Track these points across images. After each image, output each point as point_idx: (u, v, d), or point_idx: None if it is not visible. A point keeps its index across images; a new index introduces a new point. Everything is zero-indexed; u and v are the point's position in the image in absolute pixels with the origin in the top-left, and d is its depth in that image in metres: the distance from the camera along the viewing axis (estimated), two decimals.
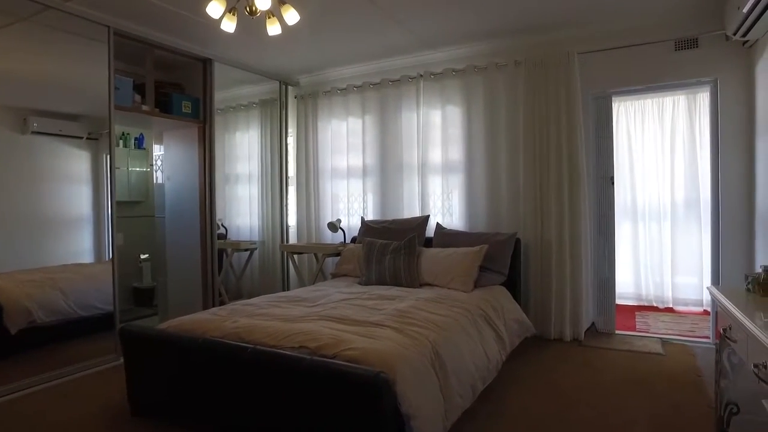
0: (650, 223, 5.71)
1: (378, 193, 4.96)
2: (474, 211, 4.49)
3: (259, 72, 5.14)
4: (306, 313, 2.89)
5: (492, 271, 3.91)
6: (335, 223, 4.85)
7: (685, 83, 4.04)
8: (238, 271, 5.61)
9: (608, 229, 4.31)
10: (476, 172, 4.48)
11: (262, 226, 5.61)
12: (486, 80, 4.44)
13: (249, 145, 5.71)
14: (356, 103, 5.07)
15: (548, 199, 4.17)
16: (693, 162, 5.46)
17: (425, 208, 4.70)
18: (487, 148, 4.43)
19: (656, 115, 5.68)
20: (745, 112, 3.81)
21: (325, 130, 5.28)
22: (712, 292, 2.22)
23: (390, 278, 3.92)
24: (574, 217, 4.12)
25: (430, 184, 4.70)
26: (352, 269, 4.33)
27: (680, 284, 5.54)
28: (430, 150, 4.69)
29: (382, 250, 4.08)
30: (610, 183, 4.26)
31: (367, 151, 5.01)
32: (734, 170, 3.86)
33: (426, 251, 4.06)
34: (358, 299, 3.27)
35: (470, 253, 3.82)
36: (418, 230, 4.34)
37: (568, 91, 4.13)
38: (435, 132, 4.67)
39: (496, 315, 3.39)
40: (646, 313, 5.40)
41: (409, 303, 3.11)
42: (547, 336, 4.17)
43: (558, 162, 4.14)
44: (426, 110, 4.70)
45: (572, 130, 4.11)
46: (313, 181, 5.33)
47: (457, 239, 4.18)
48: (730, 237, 3.88)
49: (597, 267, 4.33)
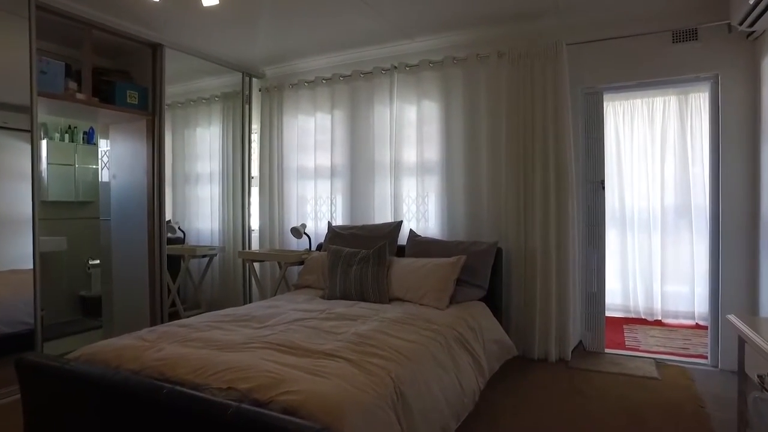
0: (639, 230, 5.45)
1: (347, 196, 4.52)
2: (451, 216, 4.08)
3: (219, 61, 4.67)
4: (249, 337, 2.44)
5: (470, 284, 3.50)
6: (299, 229, 4.41)
7: (683, 79, 3.68)
8: (198, 279, 5.13)
9: (598, 238, 3.94)
10: (454, 174, 4.07)
11: (223, 230, 5.15)
12: (466, 73, 4.03)
13: (210, 141, 5.24)
14: (325, 97, 4.64)
15: (533, 205, 3.78)
16: (684, 166, 5.20)
17: (398, 213, 4.28)
18: (466, 147, 4.03)
19: (646, 116, 5.43)
20: (748, 112, 3.47)
21: (291, 126, 4.83)
22: (738, 327, 1.83)
23: (356, 292, 3.49)
24: (561, 225, 3.74)
25: (403, 187, 4.28)
26: (316, 280, 3.89)
27: (670, 296, 5.28)
28: (404, 149, 4.27)
29: (348, 260, 3.65)
30: (601, 187, 3.88)
31: (335, 150, 4.57)
32: (736, 175, 3.51)
33: (397, 262, 3.64)
34: (314, 319, 2.83)
35: (446, 264, 3.41)
36: (389, 237, 3.92)
37: (555, 85, 3.74)
38: (410, 129, 4.25)
39: (474, 336, 2.98)
40: (635, 327, 5.11)
41: (372, 325, 2.68)
42: (531, 356, 3.77)
43: (544, 164, 3.76)
44: (400, 105, 4.28)
45: (560, 129, 3.73)
46: (277, 181, 4.88)
47: (432, 248, 3.77)
48: (732, 248, 3.53)
49: (585, 279, 3.95)
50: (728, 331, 3.53)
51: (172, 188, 5.28)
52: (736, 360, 3.61)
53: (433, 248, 3.76)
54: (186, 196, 5.32)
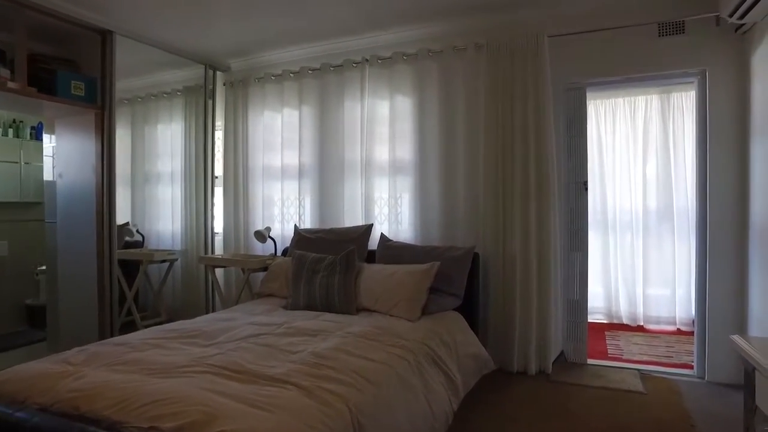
0: (621, 233, 5.29)
1: (316, 197, 4.23)
2: (425, 220, 3.82)
3: (179, 52, 4.34)
4: (192, 359, 2.14)
5: (444, 293, 3.24)
6: (263, 232, 4.10)
7: (670, 75, 3.48)
8: (157, 286, 4.78)
9: (580, 242, 3.72)
10: (429, 174, 3.81)
11: (185, 233, 4.81)
12: (441, 66, 3.78)
13: (172, 139, 4.89)
14: (293, 92, 4.34)
15: (512, 207, 3.54)
16: (666, 167, 5.06)
17: (369, 216, 4.00)
18: (441, 145, 3.77)
19: (628, 116, 5.26)
20: (737, 110, 3.28)
21: (257, 122, 4.52)
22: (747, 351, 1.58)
23: (321, 302, 3.20)
24: (542, 229, 3.50)
25: (375, 188, 4.01)
26: (279, 288, 3.59)
27: (653, 300, 5.11)
28: (375, 147, 3.99)
29: (314, 267, 3.36)
30: (584, 189, 3.66)
31: (304, 148, 4.28)
32: (724, 176, 3.32)
33: (367, 268, 3.36)
34: (270, 335, 2.53)
35: (418, 272, 3.15)
36: (358, 242, 3.64)
37: (536, 80, 3.51)
38: (382, 126, 3.98)
39: (447, 352, 2.72)
40: (617, 333, 4.94)
41: (334, 342, 2.40)
42: (509, 369, 3.53)
43: (524, 163, 3.52)
44: (372, 100, 4.00)
45: (541, 127, 3.50)
46: (242, 181, 4.57)
47: (404, 254, 3.50)
48: (719, 253, 3.34)
49: (567, 286, 3.73)
50: (716, 341, 3.35)
51: (132, 188, 4.93)
52: (724, 372, 3.47)
53: (405, 254, 3.49)
54: (146, 197, 4.96)
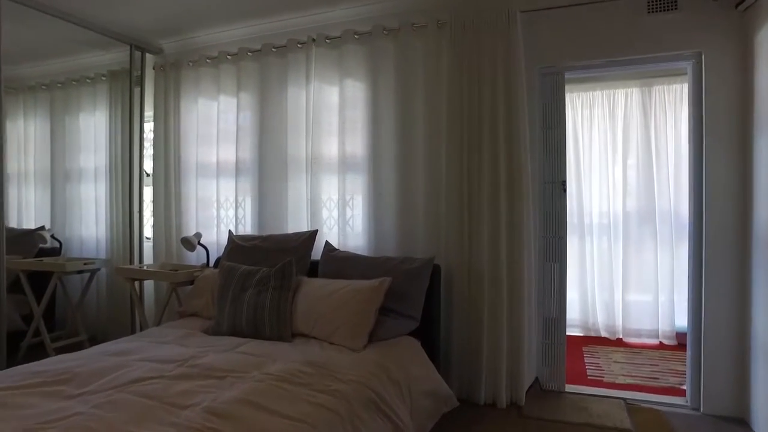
0: (599, 238, 4.86)
1: (256, 198, 3.66)
2: (379, 225, 3.28)
3: (92, 26, 3.70)
4: (38, 422, 1.57)
5: (398, 314, 2.71)
6: (191, 239, 3.51)
7: (660, 58, 3.00)
8: (76, 301, 4.14)
9: (558, 251, 3.23)
10: (384, 173, 3.27)
11: (110, 238, 4.19)
12: (399, 47, 3.25)
13: (95, 130, 4.27)
14: (230, 77, 3.75)
15: (480, 211, 3.02)
16: (648, 167, 4.64)
17: (315, 220, 3.45)
18: (399, 139, 3.24)
19: (607, 110, 4.85)
20: (738, 98, 2.83)
21: (191, 112, 3.92)
22: None
23: (248, 326, 2.64)
24: (514, 236, 3.00)
25: (323, 188, 3.45)
26: (204, 307, 3.01)
27: (633, 312, 4.70)
28: (323, 140, 3.43)
29: (243, 282, 2.80)
30: (562, 190, 3.17)
31: (242, 142, 3.69)
32: (723, 176, 2.86)
33: (307, 284, 2.81)
34: (164, 378, 1.96)
35: (365, 289, 2.61)
36: (299, 252, 3.09)
37: (507, 63, 3.01)
38: (330, 115, 3.42)
39: (397, 392, 2.18)
40: (595, 348, 4.50)
41: (243, 389, 1.84)
42: (476, 400, 3.02)
43: (494, 160, 3.01)
44: (319, 86, 3.45)
45: (513, 118, 2.99)
46: (174, 180, 3.96)
47: (351, 266, 2.95)
48: (717, 264, 2.88)
49: (543, 303, 3.24)
50: (712, 367, 2.89)
51: (51, 187, 4.31)
52: (723, 403, 2.89)
53: (352, 266, 2.94)
54: (68, 197, 4.33)
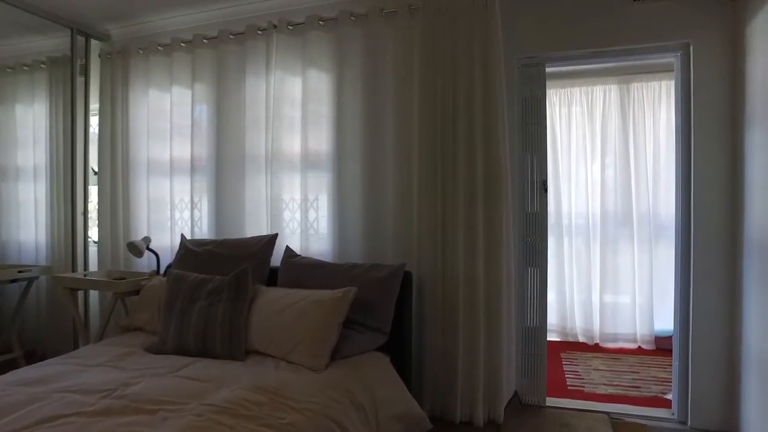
0: (577, 239, 4.70)
1: (213, 199, 3.35)
2: (346, 229, 3.00)
3: (30, 8, 3.34)
4: None
5: (364, 327, 2.44)
6: (138, 244, 3.17)
7: (646, 49, 2.80)
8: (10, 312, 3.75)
9: (538, 256, 3.01)
10: (350, 171, 3.00)
11: (52, 243, 3.81)
12: (367, 34, 2.98)
13: (34, 123, 3.89)
14: (184, 66, 3.43)
15: (455, 213, 2.78)
16: (626, 166, 4.50)
17: (276, 223, 3.15)
18: (367, 134, 2.97)
19: (585, 108, 4.69)
20: (727, 92, 2.65)
21: (141, 104, 3.58)
22: None
23: (195, 343, 2.34)
24: (492, 240, 2.76)
25: (284, 187, 3.16)
26: (149, 321, 2.69)
27: (611, 316, 4.55)
28: (284, 135, 3.14)
29: (193, 293, 2.49)
30: (543, 190, 2.95)
31: (197, 137, 3.38)
32: (713, 176, 2.67)
33: (265, 294, 2.52)
34: (82, 416, 1.64)
35: (328, 300, 2.33)
36: (257, 258, 2.80)
37: (485, 53, 2.77)
38: (292, 109, 3.13)
39: (362, 419, 1.92)
40: (574, 354, 4.34)
41: (178, 427, 1.55)
42: (451, 418, 2.76)
43: (470, 158, 2.77)
44: (280, 76, 3.15)
45: (491, 112, 2.76)
46: (122, 178, 3.61)
47: (314, 274, 2.67)
48: (705, 271, 2.69)
49: (522, 311, 3.01)
50: (700, 378, 2.71)
51: None
52: (711, 416, 2.61)
53: (315, 274, 2.66)
54: (3, 198, 3.93)
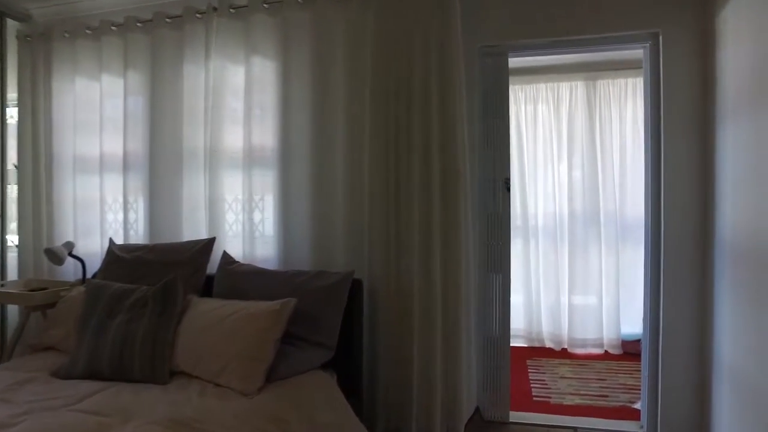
0: (544, 241, 4.55)
1: (147, 199, 3.03)
2: (292, 233, 2.72)
3: None
4: None
5: (307, 342, 2.17)
6: (58, 250, 2.82)
7: (613, 38, 2.63)
8: None
9: (501, 259, 2.80)
10: (297, 169, 2.73)
11: None
12: (316, 19, 2.71)
13: None
14: (115, 52, 3.09)
15: (410, 214, 2.54)
16: (593, 164, 4.37)
17: (217, 225, 2.85)
18: (315, 128, 2.71)
19: (551, 105, 4.58)
20: (698, 85, 2.50)
21: (66, 93, 3.21)
22: None
23: (110, 365, 2.03)
24: (450, 244, 2.53)
25: (225, 186, 2.86)
26: (64, 338, 2.36)
27: (578, 321, 4.42)
28: (225, 129, 2.84)
29: (112, 305, 2.19)
30: (505, 189, 2.74)
31: (131, 131, 3.05)
32: (683, 171, 2.52)
33: (197, 306, 2.23)
34: None
35: (264, 313, 2.05)
36: (192, 265, 2.50)
37: (443, 41, 2.54)
38: (234, 100, 2.84)
39: None
40: (540, 361, 4.20)
41: None
42: None
43: (426, 154, 2.53)
44: (220, 64, 2.85)
45: (449, 104, 2.53)
46: (45, 176, 3.25)
47: (253, 283, 2.38)
48: (675, 276, 2.54)
49: (484, 320, 2.80)
50: (671, 389, 2.57)
51: None
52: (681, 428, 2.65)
53: (255, 283, 2.38)
54: None
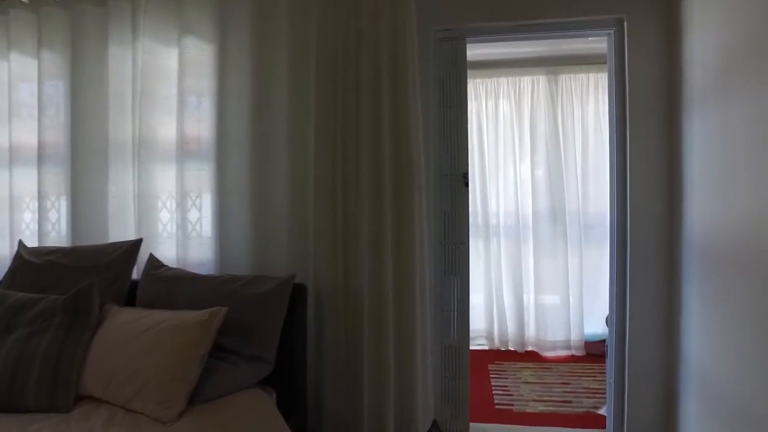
0: (506, 240, 4.43)
1: (69, 197, 2.70)
2: (229, 233, 2.45)
3: None
4: None
5: (241, 357, 1.91)
6: None
7: (578, 24, 2.47)
8: None
9: (459, 260, 2.61)
10: (236, 163, 2.45)
11: None
12: None
13: None
14: (26, 29, 2.71)
15: (359, 213, 2.30)
16: (556, 162, 4.28)
17: (149, 225, 2.53)
18: (255, 120, 2.44)
19: (513, 100, 4.48)
20: (665, 75, 2.37)
21: None
22: None
23: (6, 388, 1.73)
24: (402, 244, 2.32)
25: (156, 182, 2.55)
26: None
27: (542, 321, 4.33)
28: (156, 119, 2.52)
29: (10, 319, 1.88)
30: (463, 185, 2.55)
31: (48, 119, 2.70)
32: (648, 166, 2.40)
33: (115, 318, 1.94)
34: None
35: (189, 325, 1.78)
36: (114, 270, 2.20)
37: (394, 23, 2.32)
38: (166, 86, 2.52)
39: None
40: (502, 365, 4.07)
41: None
42: None
43: (376, 146, 2.31)
44: (150, 46, 2.53)
45: (401, 92, 2.31)
46: None
47: (181, 290, 2.10)
48: (641, 278, 2.41)
49: (441, 327, 2.60)
50: (637, 397, 2.45)
51: None
52: None
53: (183, 290, 2.10)
54: None
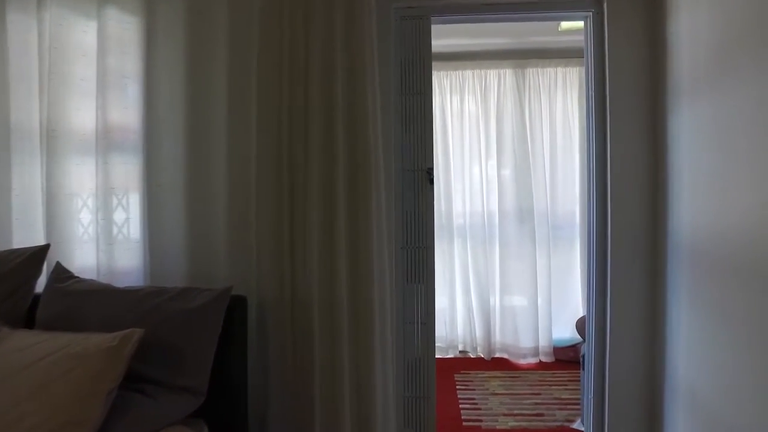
0: (472, 241, 4.25)
1: None
2: (161, 237, 2.12)
3: None
4: None
5: (165, 388, 1.58)
6: None
7: (553, 3, 2.26)
8: None
9: (423, 266, 2.35)
10: (168, 156, 2.13)
11: None
12: None
13: None
14: None
15: (308, 214, 2.01)
16: (523, 160, 4.13)
17: (64, 228, 2.16)
18: (190, 104, 2.12)
19: (479, 95, 4.32)
20: (649, 60, 2.17)
21: None
22: None
23: None
24: (359, 249, 2.04)
25: (71, 177, 2.19)
26: None
27: (509, 327, 4.18)
28: (70, 102, 2.16)
29: None
30: (428, 181, 2.28)
31: None
32: (630, 165, 2.19)
33: (7, 342, 1.58)
34: None
35: (93, 354, 1.44)
36: (12, 282, 1.84)
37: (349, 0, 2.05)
38: (82, 65, 2.17)
39: None
40: (469, 374, 3.87)
41: None
42: None
43: (328, 138, 2.02)
44: (61, 15, 2.16)
45: (357, 78, 2.04)
46: None
47: (93, 306, 1.75)
48: (623, 283, 2.21)
49: (404, 342, 2.33)
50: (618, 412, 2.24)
51: None
52: None
53: (96, 306, 1.75)
54: None
